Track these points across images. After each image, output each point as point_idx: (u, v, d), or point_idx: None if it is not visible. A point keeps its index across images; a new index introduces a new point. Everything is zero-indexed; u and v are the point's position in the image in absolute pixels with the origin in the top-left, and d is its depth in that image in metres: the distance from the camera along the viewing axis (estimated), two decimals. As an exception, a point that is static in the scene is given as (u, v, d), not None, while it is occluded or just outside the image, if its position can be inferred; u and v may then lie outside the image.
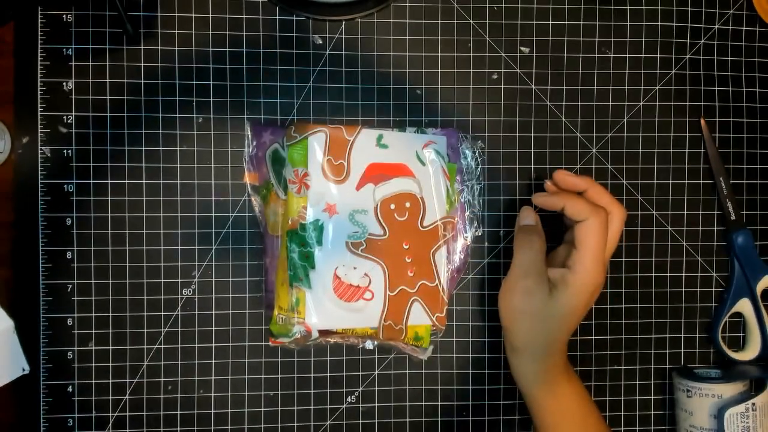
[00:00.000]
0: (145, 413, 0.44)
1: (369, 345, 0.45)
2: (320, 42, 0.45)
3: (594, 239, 0.40)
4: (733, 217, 0.47)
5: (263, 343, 0.45)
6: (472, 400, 0.46)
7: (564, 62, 0.46)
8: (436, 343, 0.46)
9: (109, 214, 0.44)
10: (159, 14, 0.44)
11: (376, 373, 0.46)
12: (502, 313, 0.41)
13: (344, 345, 0.46)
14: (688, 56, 0.47)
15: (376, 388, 0.46)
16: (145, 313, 0.44)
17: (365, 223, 0.42)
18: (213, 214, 0.44)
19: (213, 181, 0.44)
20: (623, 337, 0.48)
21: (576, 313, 0.41)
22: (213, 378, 0.45)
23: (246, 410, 0.45)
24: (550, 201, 0.42)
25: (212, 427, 0.45)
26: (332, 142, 0.42)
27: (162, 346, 0.44)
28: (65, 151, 0.43)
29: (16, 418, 0.44)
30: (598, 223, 0.40)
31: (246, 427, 0.45)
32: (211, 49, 0.44)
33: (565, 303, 0.40)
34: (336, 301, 0.42)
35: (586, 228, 0.40)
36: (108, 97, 0.44)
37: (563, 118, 0.46)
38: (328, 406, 0.46)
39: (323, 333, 0.43)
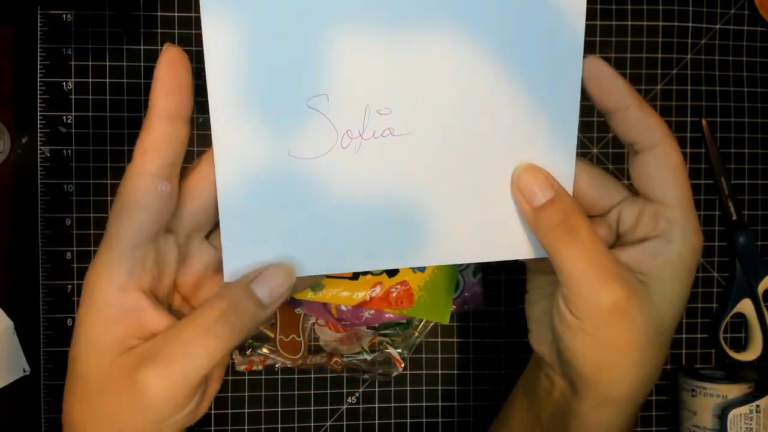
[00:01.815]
0: (144, 414, 0.44)
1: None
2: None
3: (683, 176, 0.26)
4: (734, 218, 0.47)
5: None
6: (473, 401, 0.46)
7: (565, 62, 0.46)
8: (436, 344, 0.46)
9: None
10: (159, 14, 0.44)
11: (377, 373, 0.45)
12: (578, 360, 0.27)
13: (344, 346, 0.45)
14: (689, 56, 0.47)
15: (377, 389, 0.46)
16: (145, 314, 0.44)
17: None
18: (213, 215, 0.44)
19: (213, 181, 0.44)
20: (624, 337, 0.47)
21: (684, 301, 0.27)
22: (213, 378, 0.45)
23: (246, 411, 0.45)
24: (608, 80, 0.26)
25: (212, 428, 0.45)
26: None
27: (162, 347, 0.44)
28: (65, 151, 0.43)
29: (17, 418, 0.44)
30: (679, 152, 0.26)
31: (246, 427, 0.45)
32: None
33: (673, 295, 0.27)
34: None
35: (664, 160, 0.26)
36: (108, 97, 0.44)
37: (564, 118, 0.46)
38: (329, 407, 0.46)
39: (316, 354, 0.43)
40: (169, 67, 0.24)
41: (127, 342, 0.25)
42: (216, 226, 0.28)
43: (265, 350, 0.44)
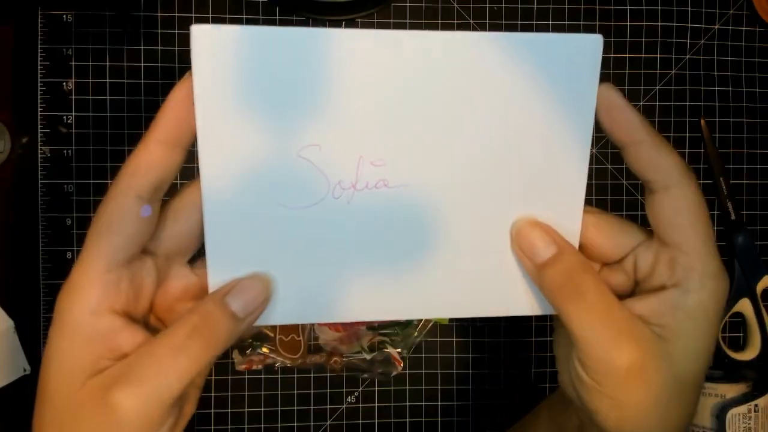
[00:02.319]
0: (144, 413, 0.44)
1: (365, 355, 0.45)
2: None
3: (702, 219, 0.25)
4: (733, 217, 0.47)
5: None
6: (472, 401, 0.46)
7: (564, 62, 0.46)
8: (435, 344, 0.46)
9: (109, 214, 0.44)
10: (159, 14, 0.44)
11: (377, 372, 0.46)
12: (599, 418, 0.25)
13: (344, 345, 0.46)
14: (688, 56, 0.47)
15: (376, 389, 0.46)
16: (145, 313, 0.44)
17: None
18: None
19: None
20: (623, 337, 0.48)
21: (708, 353, 0.25)
22: (213, 378, 0.45)
23: (246, 410, 0.45)
24: (619, 111, 0.25)
25: (212, 427, 0.45)
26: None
27: (162, 347, 0.44)
28: (65, 151, 0.43)
29: (17, 418, 0.44)
30: (699, 192, 0.25)
31: (246, 426, 0.45)
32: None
33: (695, 348, 0.25)
34: None
35: (681, 203, 0.24)
36: (108, 97, 0.44)
37: (563, 118, 0.46)
38: (328, 407, 0.46)
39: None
40: (183, 100, 0.24)
41: (99, 364, 0.24)
42: (199, 253, 0.27)
43: (264, 350, 0.44)
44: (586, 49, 0.25)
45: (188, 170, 0.26)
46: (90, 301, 0.24)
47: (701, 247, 0.24)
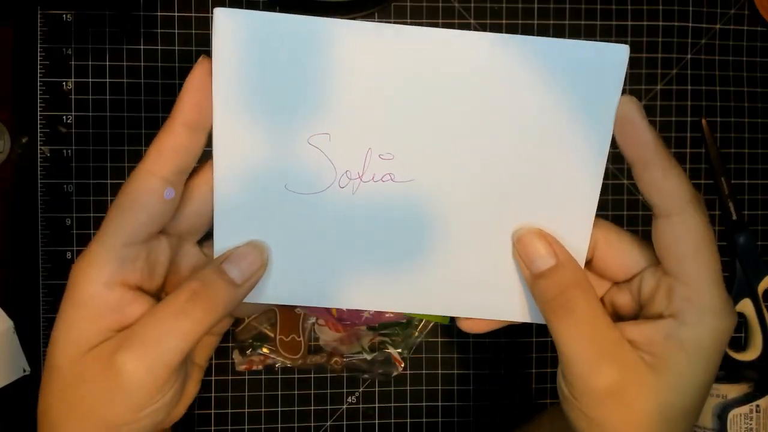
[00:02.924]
0: (144, 414, 0.44)
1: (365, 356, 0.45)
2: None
3: (706, 250, 0.24)
4: (734, 218, 0.47)
5: (263, 344, 0.45)
6: (473, 401, 0.46)
7: (565, 62, 0.46)
8: (436, 344, 0.46)
9: (109, 214, 0.44)
10: (159, 14, 0.44)
11: (377, 372, 0.45)
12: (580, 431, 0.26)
13: (344, 346, 0.45)
14: (689, 56, 0.47)
15: (377, 389, 0.46)
16: (145, 314, 0.44)
17: None
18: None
19: (213, 181, 0.44)
20: (624, 337, 0.47)
21: (703, 389, 0.25)
22: (213, 378, 0.45)
23: (246, 410, 0.45)
24: (633, 127, 0.24)
25: (213, 428, 0.45)
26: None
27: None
28: (65, 151, 0.43)
29: (17, 418, 0.44)
30: (704, 222, 0.24)
31: (246, 427, 0.45)
32: (211, 49, 0.44)
33: (685, 383, 0.24)
34: None
35: (682, 232, 0.24)
36: (108, 97, 0.44)
37: (564, 118, 0.46)
38: (329, 407, 0.46)
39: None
40: (202, 81, 0.24)
41: (105, 335, 0.24)
42: (208, 235, 0.28)
43: (265, 350, 0.44)
44: (611, 59, 0.24)
45: (205, 153, 0.26)
46: (106, 273, 0.24)
47: (701, 281, 0.24)
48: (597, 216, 0.27)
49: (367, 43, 0.23)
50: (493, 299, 0.28)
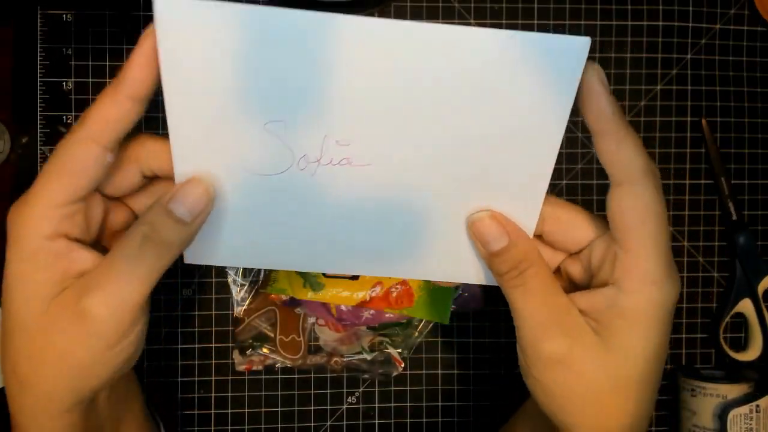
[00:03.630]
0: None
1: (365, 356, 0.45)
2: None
3: (653, 221, 0.24)
4: (734, 218, 0.47)
5: (263, 344, 0.45)
6: (473, 401, 0.46)
7: (565, 62, 0.46)
8: (436, 344, 0.46)
9: (109, 215, 0.44)
10: (159, 14, 0.44)
11: (377, 373, 0.45)
12: (538, 400, 0.27)
13: (344, 346, 0.45)
14: (689, 56, 0.47)
15: (377, 389, 0.46)
16: (144, 314, 0.44)
17: None
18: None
19: (213, 181, 0.44)
20: (624, 337, 0.47)
21: (652, 355, 0.25)
22: (213, 378, 0.45)
23: (246, 410, 0.45)
24: (596, 102, 0.24)
25: (212, 428, 0.45)
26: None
27: (162, 347, 0.44)
28: (65, 151, 0.43)
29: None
30: (654, 193, 0.24)
31: (246, 427, 0.45)
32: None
33: (630, 348, 0.25)
34: None
35: (631, 201, 0.24)
36: (108, 97, 0.44)
37: (564, 118, 0.46)
38: (329, 407, 0.46)
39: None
40: (147, 54, 0.24)
41: (63, 283, 0.25)
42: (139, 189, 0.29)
43: (265, 350, 0.44)
44: (572, 49, 0.24)
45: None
46: (47, 227, 0.25)
47: (645, 251, 0.24)
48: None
49: (322, 33, 0.23)
50: (452, 266, 0.29)
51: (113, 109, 0.25)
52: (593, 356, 0.25)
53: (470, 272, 0.29)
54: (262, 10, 0.23)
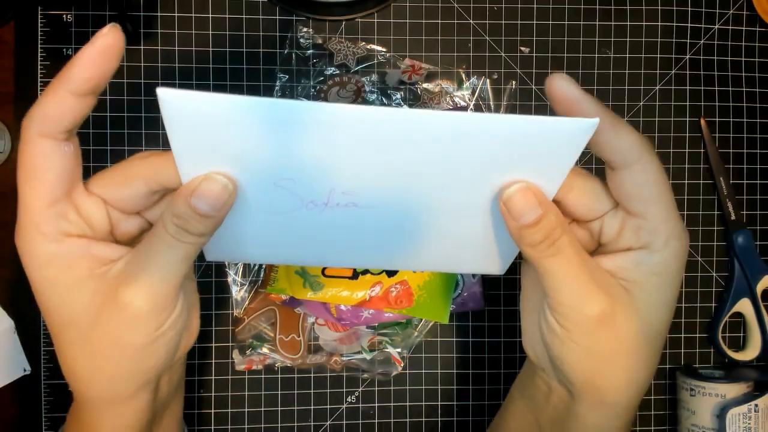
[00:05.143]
0: (145, 413, 0.44)
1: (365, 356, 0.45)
2: (320, 42, 0.45)
3: (663, 187, 0.26)
4: (733, 217, 0.47)
5: (263, 343, 0.45)
6: (472, 401, 0.46)
7: (564, 62, 0.46)
8: (435, 344, 0.46)
9: (109, 214, 0.44)
10: (159, 14, 0.44)
11: (377, 372, 0.46)
12: (568, 369, 0.28)
13: (344, 345, 0.46)
14: (688, 56, 0.47)
15: (376, 389, 0.46)
16: (145, 313, 0.44)
17: None
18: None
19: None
20: (623, 337, 0.48)
21: (672, 304, 0.28)
22: (213, 378, 0.45)
23: (246, 410, 0.45)
24: (580, 106, 0.25)
25: (212, 427, 0.45)
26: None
27: (162, 346, 0.44)
28: (65, 151, 0.43)
29: (18, 417, 0.44)
30: (658, 163, 0.26)
31: (246, 426, 0.45)
32: (211, 49, 0.44)
33: (659, 301, 0.27)
34: None
35: (642, 177, 0.26)
36: (108, 97, 0.44)
37: (563, 118, 0.46)
38: (328, 406, 0.46)
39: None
40: (97, 56, 0.24)
41: (94, 274, 0.26)
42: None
43: (265, 350, 0.44)
44: (578, 128, 0.24)
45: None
46: (46, 233, 0.25)
47: (665, 214, 0.26)
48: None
49: (317, 121, 0.24)
50: (467, 260, 0.31)
51: (53, 104, 0.25)
52: (631, 313, 0.26)
53: (487, 264, 0.31)
54: (252, 101, 0.23)
